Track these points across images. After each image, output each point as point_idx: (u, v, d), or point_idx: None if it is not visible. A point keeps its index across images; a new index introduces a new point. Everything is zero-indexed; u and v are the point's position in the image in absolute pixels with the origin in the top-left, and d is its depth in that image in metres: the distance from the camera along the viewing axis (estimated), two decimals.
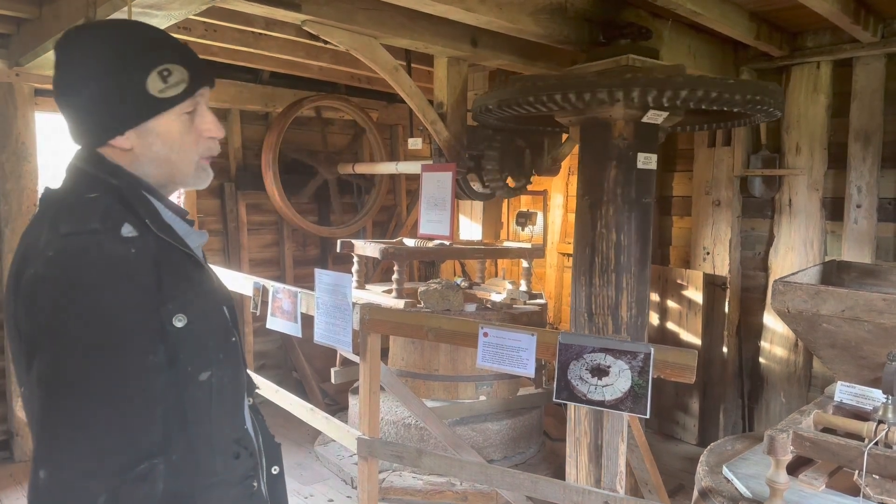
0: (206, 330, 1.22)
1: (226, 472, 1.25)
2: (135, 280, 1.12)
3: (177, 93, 1.21)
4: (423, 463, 2.75)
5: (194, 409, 1.19)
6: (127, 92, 1.18)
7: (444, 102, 4.03)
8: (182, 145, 1.25)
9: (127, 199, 1.19)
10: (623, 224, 3.26)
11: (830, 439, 1.97)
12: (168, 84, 1.19)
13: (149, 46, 1.22)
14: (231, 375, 1.28)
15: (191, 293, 1.20)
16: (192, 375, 1.19)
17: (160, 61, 1.20)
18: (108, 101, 1.18)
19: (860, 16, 3.63)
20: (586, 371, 2.20)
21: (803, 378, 4.45)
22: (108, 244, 1.11)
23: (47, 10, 3.44)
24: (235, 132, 5.52)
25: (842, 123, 4.19)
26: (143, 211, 1.19)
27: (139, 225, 1.17)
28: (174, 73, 1.20)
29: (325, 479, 4.21)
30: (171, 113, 1.22)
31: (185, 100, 1.23)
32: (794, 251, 4.44)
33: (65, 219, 1.13)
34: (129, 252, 1.12)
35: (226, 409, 1.27)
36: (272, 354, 5.84)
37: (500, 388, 4.35)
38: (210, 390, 1.22)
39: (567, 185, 6.68)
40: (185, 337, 1.16)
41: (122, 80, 1.18)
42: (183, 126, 1.24)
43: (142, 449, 1.10)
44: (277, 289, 3.40)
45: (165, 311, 1.14)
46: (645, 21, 3.49)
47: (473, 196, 4.25)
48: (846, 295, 2.28)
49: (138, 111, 1.19)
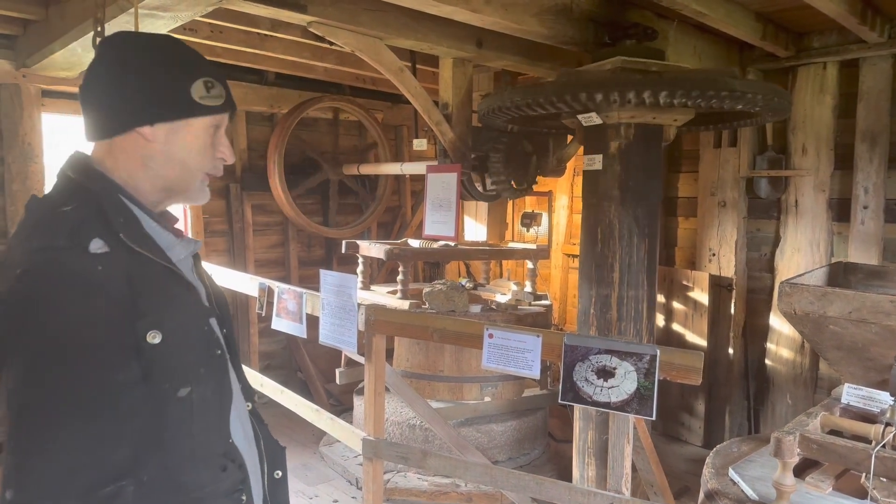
0: (183, 346, 1.19)
1: (213, 485, 1.22)
2: (101, 296, 1.10)
3: (215, 104, 1.28)
4: (427, 464, 2.75)
5: (173, 426, 1.17)
6: (171, 88, 1.24)
7: (449, 103, 4.03)
8: (200, 153, 1.30)
9: (103, 210, 1.18)
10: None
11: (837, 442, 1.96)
12: (210, 94, 1.27)
13: (198, 59, 1.31)
14: (215, 389, 1.26)
15: (167, 309, 1.18)
16: (170, 392, 1.16)
17: (206, 73, 1.28)
18: (152, 91, 1.23)
19: (867, 16, 3.61)
20: (592, 372, 2.20)
21: (810, 380, 4.43)
22: (72, 260, 1.10)
23: (53, 12, 3.45)
24: (241, 133, 5.53)
25: (848, 124, 4.17)
26: (120, 222, 1.18)
27: (111, 239, 1.15)
28: (216, 87, 1.29)
29: (330, 480, 4.21)
30: (203, 120, 1.28)
31: (218, 114, 1.30)
32: (801, 252, 4.42)
33: (36, 234, 1.13)
34: (96, 269, 1.11)
35: (209, 423, 1.24)
36: (277, 355, 5.85)
37: (504, 389, 4.35)
38: (191, 406, 1.19)
39: (572, 186, 6.67)
40: (161, 353, 1.14)
41: (171, 76, 1.25)
42: (207, 137, 1.30)
43: (108, 470, 1.08)
44: (282, 289, 3.40)
45: (139, 326, 1.12)
46: (650, 21, 3.48)
47: (478, 197, 4.25)
48: (853, 297, 2.27)
49: (176, 108, 1.24)
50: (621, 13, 3.50)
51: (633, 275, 3.27)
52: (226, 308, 1.44)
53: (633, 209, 3.26)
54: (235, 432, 1.32)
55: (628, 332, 3.28)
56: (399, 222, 6.53)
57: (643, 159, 3.25)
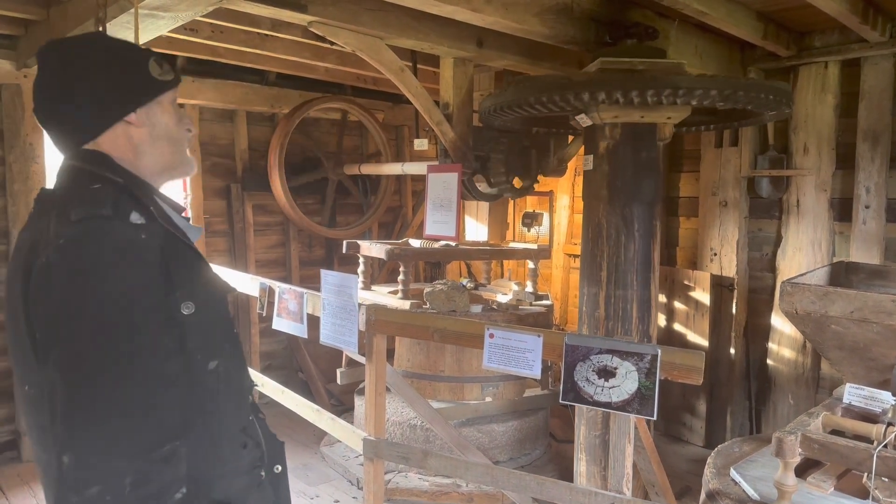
0: (212, 319, 1.25)
1: (235, 461, 1.27)
2: (147, 264, 1.14)
3: (171, 78, 1.33)
4: (428, 464, 2.75)
5: (205, 396, 1.21)
6: (136, 73, 1.28)
7: (449, 103, 4.02)
8: (177, 126, 1.35)
9: (130, 191, 1.22)
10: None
11: (839, 442, 1.96)
12: (164, 70, 1.32)
13: (135, 45, 1.39)
14: (236, 367, 1.31)
15: (196, 282, 1.23)
16: (202, 364, 1.21)
17: (151, 53, 1.33)
18: (121, 81, 1.27)
19: (868, 15, 3.61)
20: (593, 372, 2.19)
21: (811, 380, 4.43)
22: (120, 228, 1.15)
23: (55, 12, 3.46)
24: (242, 133, 5.53)
25: (850, 123, 4.16)
26: (147, 201, 1.24)
27: (146, 214, 1.21)
28: (164, 62, 1.33)
29: (331, 480, 4.21)
30: (167, 95, 1.33)
31: (175, 87, 1.35)
32: (802, 252, 4.41)
33: (75, 206, 1.15)
34: (140, 237, 1.16)
35: (232, 399, 1.29)
36: (278, 355, 5.85)
37: (505, 389, 4.35)
38: (218, 379, 1.24)
39: (573, 186, 6.67)
40: (193, 324, 1.18)
41: (129, 64, 1.29)
42: (174, 110, 1.35)
43: (165, 430, 1.11)
44: (283, 289, 3.40)
45: (174, 298, 1.16)
46: (651, 21, 3.48)
47: (479, 197, 4.25)
48: (855, 296, 2.27)
49: (147, 90, 1.29)
50: (622, 12, 3.49)
51: (620, 274, 3.27)
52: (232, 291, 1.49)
53: (622, 208, 3.26)
54: None
55: (615, 331, 3.28)
56: (400, 222, 6.53)
57: (632, 159, 3.25)
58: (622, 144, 3.23)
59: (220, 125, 5.47)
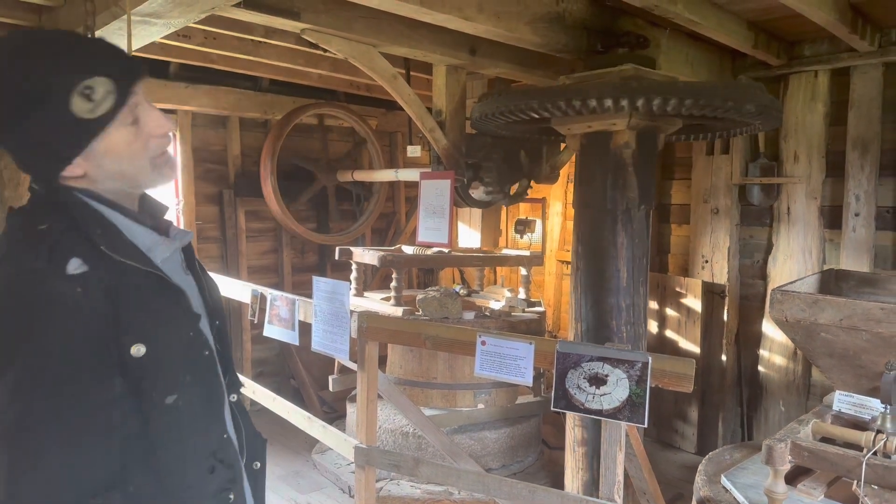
0: (168, 355, 1.19)
1: (200, 486, 1.24)
2: (80, 319, 1.09)
3: (107, 108, 1.12)
4: (420, 472, 2.74)
5: (161, 433, 1.17)
6: (55, 124, 1.10)
7: (442, 110, 4.03)
8: (132, 155, 1.18)
9: (78, 223, 1.14)
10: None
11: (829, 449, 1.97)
12: (95, 102, 1.10)
13: (59, 66, 1.10)
14: (202, 393, 1.26)
15: (151, 320, 1.17)
16: (157, 401, 1.17)
17: (77, 79, 1.09)
18: (41, 141, 1.12)
19: (857, 25, 3.64)
20: (584, 380, 2.20)
21: (802, 387, 4.44)
22: (50, 284, 1.08)
23: (46, 19, 3.45)
24: (234, 139, 5.52)
25: (839, 132, 4.20)
26: (98, 234, 1.15)
27: (91, 255, 1.12)
28: (97, 87, 1.10)
29: (323, 488, 4.19)
30: (109, 129, 1.14)
31: (120, 111, 1.14)
32: (793, 259, 4.44)
33: (12, 255, 1.11)
34: (74, 290, 1.08)
35: (197, 427, 1.24)
36: (270, 362, 5.83)
37: (498, 396, 4.34)
38: (178, 413, 1.19)
39: (566, 193, 6.69)
40: (147, 365, 1.14)
41: (46, 112, 1.09)
42: (128, 135, 1.17)
43: (94, 483, 1.09)
44: (275, 296, 3.40)
45: (123, 342, 1.12)
46: (643, 30, 3.50)
47: (472, 203, 4.25)
48: (844, 304, 2.28)
49: (74, 140, 1.12)
50: (614, 21, 3.51)
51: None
52: (219, 299, 1.45)
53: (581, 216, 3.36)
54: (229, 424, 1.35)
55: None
56: (393, 229, 6.53)
57: (592, 168, 3.33)
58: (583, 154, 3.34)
59: (212, 131, 5.47)
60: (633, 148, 3.19)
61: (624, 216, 3.27)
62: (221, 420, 1.32)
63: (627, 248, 3.28)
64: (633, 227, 3.27)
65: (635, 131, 3.16)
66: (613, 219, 3.27)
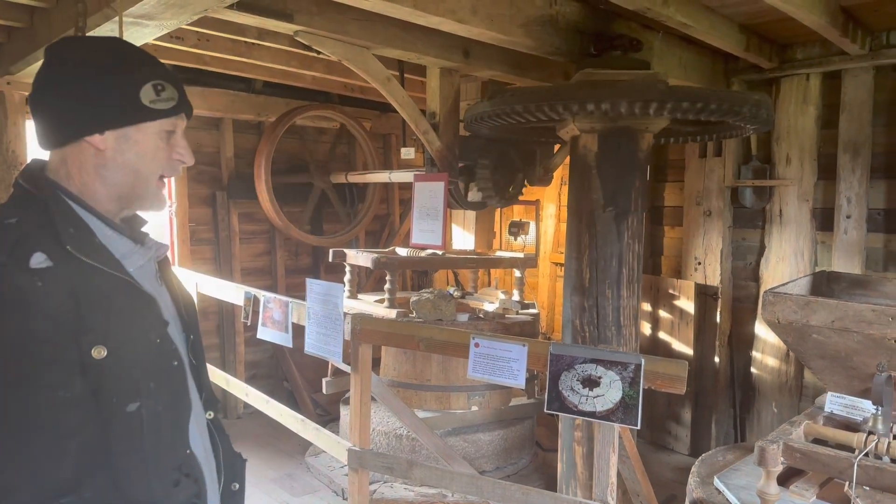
0: (131, 360, 1.17)
1: (164, 500, 1.21)
2: (39, 314, 1.07)
3: (166, 107, 1.25)
4: (413, 475, 2.74)
5: (121, 441, 1.15)
6: (119, 94, 1.21)
7: (436, 112, 4.04)
8: (154, 158, 1.26)
9: (52, 220, 1.15)
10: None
11: (821, 451, 1.97)
12: (160, 98, 1.24)
13: (146, 61, 1.27)
14: (168, 403, 1.23)
15: (115, 322, 1.15)
16: (118, 407, 1.14)
17: (156, 76, 1.24)
18: (98, 99, 1.20)
19: (848, 29, 3.66)
20: (577, 382, 2.20)
21: (795, 388, 4.46)
22: (10, 277, 1.07)
23: (38, 20, 3.43)
24: (228, 141, 5.51)
25: (831, 135, 4.22)
26: (69, 233, 1.15)
27: (58, 252, 1.12)
28: (167, 89, 1.25)
29: (316, 491, 4.18)
30: (154, 125, 1.24)
31: (171, 116, 1.26)
32: (785, 261, 4.46)
33: None
34: (35, 285, 1.08)
35: (161, 438, 1.21)
36: (263, 364, 5.81)
37: (492, 398, 4.34)
38: (140, 421, 1.17)
39: (560, 195, 6.70)
40: (108, 368, 1.12)
41: (118, 82, 1.21)
42: (161, 141, 1.27)
43: (46, 489, 1.07)
44: (268, 298, 3.39)
45: (83, 342, 1.10)
46: (636, 33, 3.51)
47: (466, 206, 4.26)
48: (836, 306, 2.29)
49: (124, 114, 1.22)
50: (607, 24, 3.52)
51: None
52: (193, 314, 1.41)
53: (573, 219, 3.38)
54: (194, 444, 1.30)
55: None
56: (387, 231, 6.53)
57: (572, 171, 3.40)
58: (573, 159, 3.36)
59: (206, 133, 5.45)
60: (595, 151, 3.23)
61: (588, 218, 3.29)
62: (186, 435, 1.28)
63: (591, 249, 3.30)
64: (598, 228, 3.28)
65: (595, 134, 3.21)
66: (578, 220, 3.32)
